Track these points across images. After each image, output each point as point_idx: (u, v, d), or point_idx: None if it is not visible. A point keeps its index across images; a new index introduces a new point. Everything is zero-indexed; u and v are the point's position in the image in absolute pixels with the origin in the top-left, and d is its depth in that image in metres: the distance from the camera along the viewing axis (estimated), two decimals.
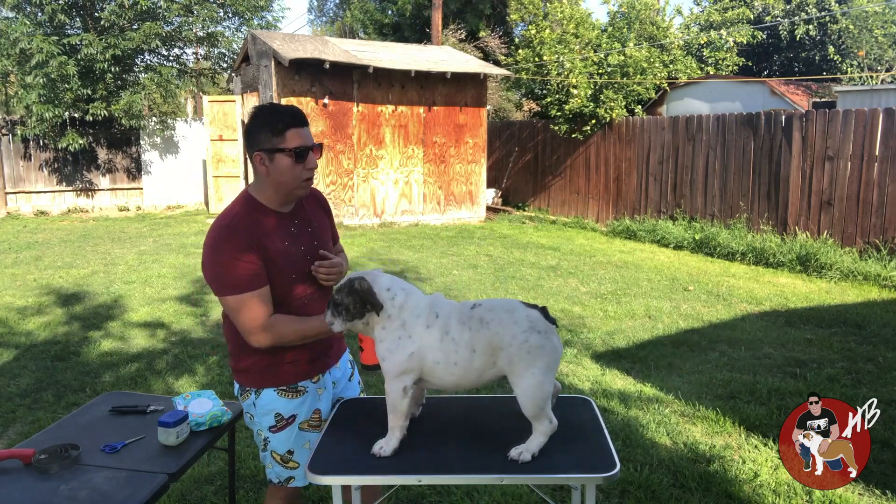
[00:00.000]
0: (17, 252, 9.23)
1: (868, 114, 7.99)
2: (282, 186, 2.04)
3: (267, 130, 1.99)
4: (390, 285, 1.94)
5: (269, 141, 1.99)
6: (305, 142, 2.02)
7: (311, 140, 2.05)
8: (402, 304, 1.91)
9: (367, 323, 1.94)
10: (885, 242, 7.85)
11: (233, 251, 1.96)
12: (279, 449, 2.14)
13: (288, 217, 2.11)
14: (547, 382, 1.86)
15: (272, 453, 2.16)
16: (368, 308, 1.90)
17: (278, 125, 1.99)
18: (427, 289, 7.06)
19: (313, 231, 2.17)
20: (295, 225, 2.12)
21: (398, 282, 1.97)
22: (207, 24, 14.93)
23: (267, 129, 1.99)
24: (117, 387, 4.37)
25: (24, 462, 2.03)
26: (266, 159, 2.00)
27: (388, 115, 11.90)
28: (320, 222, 2.23)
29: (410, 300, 1.92)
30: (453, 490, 3.12)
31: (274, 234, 2.05)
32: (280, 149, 1.99)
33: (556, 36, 12.69)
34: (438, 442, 1.98)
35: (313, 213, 2.22)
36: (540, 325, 1.87)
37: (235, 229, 1.99)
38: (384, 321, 1.92)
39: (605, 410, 4.03)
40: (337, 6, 31.27)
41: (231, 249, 1.96)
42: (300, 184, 2.05)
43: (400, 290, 1.94)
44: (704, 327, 5.82)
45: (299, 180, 2.04)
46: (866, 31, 15.64)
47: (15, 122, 13.26)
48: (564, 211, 13.27)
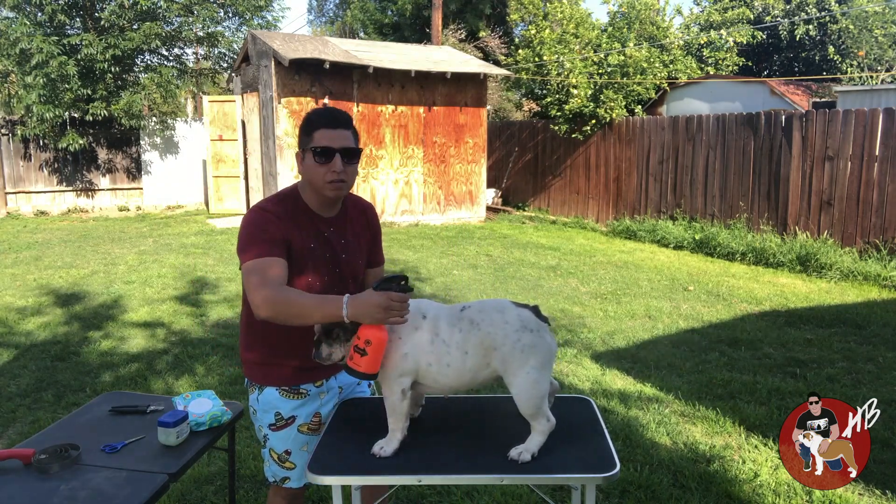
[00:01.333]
0: (17, 252, 9.23)
1: (868, 114, 7.99)
2: (310, 187, 2.06)
3: (303, 130, 2.05)
4: None
5: (303, 140, 2.05)
6: (331, 143, 2.00)
7: (341, 142, 2.01)
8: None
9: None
10: (885, 242, 7.85)
11: (263, 228, 1.98)
12: (277, 448, 2.15)
13: (324, 221, 2.11)
14: (542, 380, 1.86)
15: (270, 451, 2.17)
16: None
17: (311, 125, 2.03)
18: (427, 289, 7.07)
19: (346, 243, 2.15)
20: (329, 231, 2.11)
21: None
22: (207, 24, 14.92)
23: (303, 128, 2.06)
24: (117, 387, 4.37)
25: (24, 462, 2.03)
26: (301, 157, 2.07)
27: (388, 115, 11.91)
28: (358, 238, 2.20)
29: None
30: (453, 490, 3.12)
31: (304, 231, 2.05)
32: (308, 148, 2.03)
33: (556, 36, 12.69)
34: (438, 442, 1.98)
35: (354, 228, 2.20)
36: (532, 323, 1.87)
37: (271, 214, 2.02)
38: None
39: (605, 410, 4.03)
40: (337, 6, 31.27)
41: (262, 226, 1.99)
42: (325, 185, 2.03)
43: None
44: (704, 327, 5.82)
45: (323, 182, 2.02)
46: (866, 31, 15.64)
47: (15, 122, 13.26)
48: (564, 211, 13.27)
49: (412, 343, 1.90)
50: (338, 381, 2.25)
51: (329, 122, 2.01)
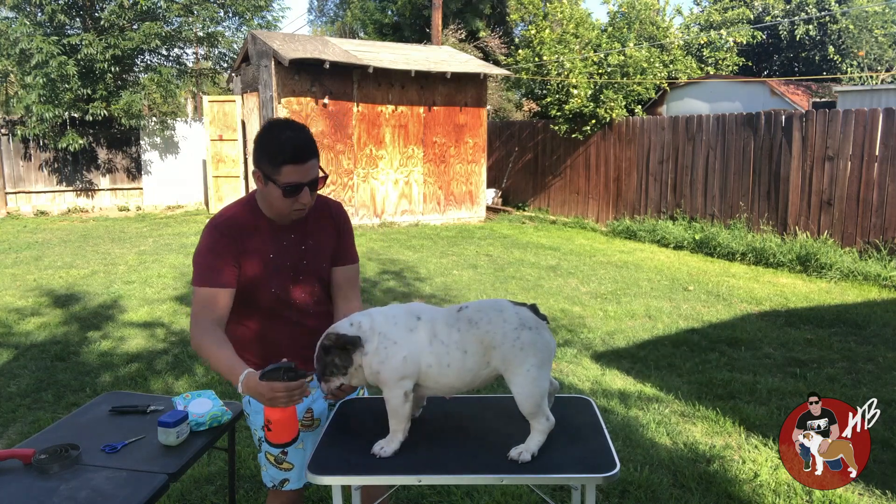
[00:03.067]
0: (17, 252, 9.23)
1: (868, 114, 7.99)
2: (272, 209, 2.05)
3: (267, 156, 1.98)
4: (350, 320, 1.95)
5: (267, 167, 1.98)
6: (301, 178, 1.97)
7: (308, 176, 1.98)
8: (369, 325, 1.93)
9: (359, 365, 1.93)
10: (885, 242, 7.85)
11: (212, 250, 2.02)
12: (272, 449, 2.15)
13: (284, 229, 2.11)
14: (542, 378, 1.87)
15: (266, 454, 2.17)
16: (350, 349, 1.90)
17: (277, 158, 1.95)
18: (427, 289, 7.07)
19: (307, 248, 2.15)
20: (289, 239, 2.12)
21: (356, 314, 1.98)
22: (207, 25, 14.93)
23: (267, 155, 1.98)
24: (117, 387, 4.37)
25: (24, 462, 2.03)
26: (262, 179, 2.01)
27: (388, 115, 11.90)
28: (321, 240, 2.18)
29: (376, 317, 1.94)
30: (453, 490, 3.12)
31: (263, 242, 2.07)
32: (273, 180, 1.97)
33: (556, 36, 12.69)
34: (438, 442, 1.98)
35: (317, 229, 2.18)
36: (530, 321, 1.88)
37: (223, 232, 2.04)
38: (366, 348, 1.92)
39: (605, 410, 4.03)
40: (337, 6, 31.28)
41: (212, 247, 2.03)
42: (291, 213, 2.04)
43: (361, 316, 1.96)
44: (704, 327, 5.82)
45: (289, 210, 2.03)
46: (866, 31, 15.64)
47: (15, 122, 13.26)
48: (564, 211, 13.27)
49: (410, 345, 1.90)
50: None
51: (296, 157, 1.95)
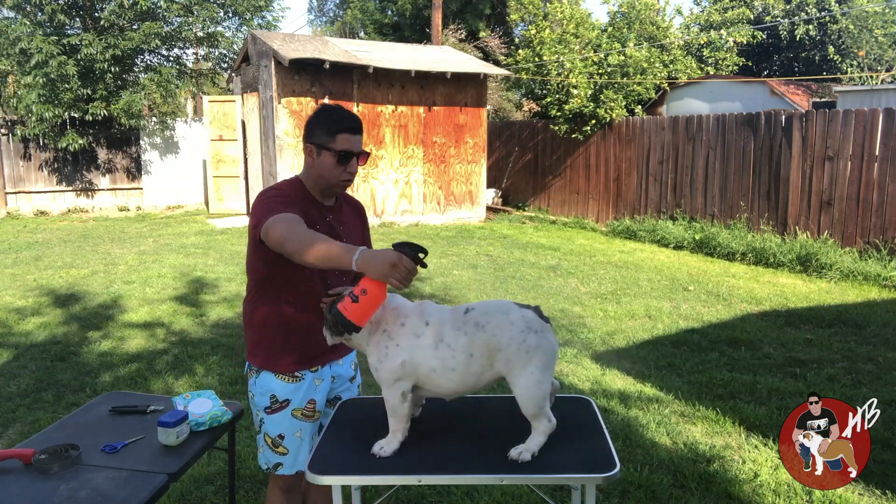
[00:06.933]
0: (17, 252, 9.23)
1: (868, 114, 7.99)
2: (321, 180, 2.17)
3: (322, 128, 2.13)
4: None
5: (321, 137, 2.13)
6: (353, 148, 2.14)
7: (358, 147, 2.17)
8: (378, 317, 1.93)
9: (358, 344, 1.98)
10: (885, 242, 7.85)
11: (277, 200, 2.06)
12: (271, 431, 2.21)
13: (327, 209, 2.25)
14: (545, 380, 1.87)
15: (265, 436, 2.23)
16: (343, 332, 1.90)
17: (333, 126, 2.12)
18: (426, 289, 7.07)
19: (344, 230, 2.29)
20: (330, 217, 2.25)
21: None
22: (207, 25, 14.92)
23: (323, 127, 2.13)
24: (117, 387, 4.37)
25: (24, 462, 2.03)
26: (314, 152, 2.15)
27: (388, 115, 11.90)
28: (352, 228, 2.35)
29: (386, 312, 1.94)
30: (453, 490, 3.12)
31: (310, 214, 2.17)
32: (328, 148, 2.12)
33: (556, 36, 12.69)
34: (438, 442, 1.98)
35: (349, 218, 2.35)
36: (535, 324, 1.88)
37: (277, 196, 2.10)
38: (367, 335, 1.94)
39: (605, 410, 4.03)
40: (337, 6, 31.29)
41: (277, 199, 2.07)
42: (338, 182, 2.18)
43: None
44: (704, 327, 5.82)
45: (337, 180, 2.16)
46: (866, 31, 15.64)
47: (15, 122, 13.25)
48: (564, 211, 13.27)
49: (411, 350, 1.90)
50: (332, 371, 2.33)
51: (352, 127, 2.14)
